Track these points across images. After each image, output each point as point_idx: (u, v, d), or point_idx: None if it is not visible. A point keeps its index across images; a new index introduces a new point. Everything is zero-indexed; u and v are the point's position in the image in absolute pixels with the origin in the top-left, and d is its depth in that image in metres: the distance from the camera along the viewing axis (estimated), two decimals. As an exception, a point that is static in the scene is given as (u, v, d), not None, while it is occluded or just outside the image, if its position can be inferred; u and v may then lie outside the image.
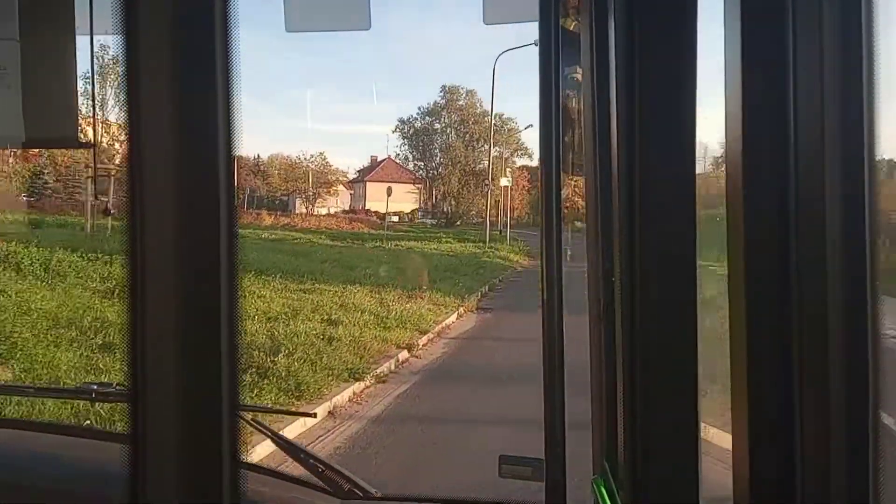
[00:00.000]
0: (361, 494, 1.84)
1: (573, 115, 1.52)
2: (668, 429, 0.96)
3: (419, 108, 63.31)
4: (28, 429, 1.97)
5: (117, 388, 1.88)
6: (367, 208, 57.10)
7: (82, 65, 1.77)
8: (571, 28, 1.45)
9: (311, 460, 1.86)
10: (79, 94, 1.80)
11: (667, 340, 0.95)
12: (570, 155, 1.51)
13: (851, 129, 0.72)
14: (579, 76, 1.45)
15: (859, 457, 0.73)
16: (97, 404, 1.91)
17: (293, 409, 6.86)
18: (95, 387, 1.91)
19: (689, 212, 0.94)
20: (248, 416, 1.85)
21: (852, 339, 0.73)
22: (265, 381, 7.84)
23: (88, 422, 5.52)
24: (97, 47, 1.72)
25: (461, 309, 14.23)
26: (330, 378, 8.34)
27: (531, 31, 1.28)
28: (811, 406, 0.74)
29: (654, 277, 0.95)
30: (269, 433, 1.87)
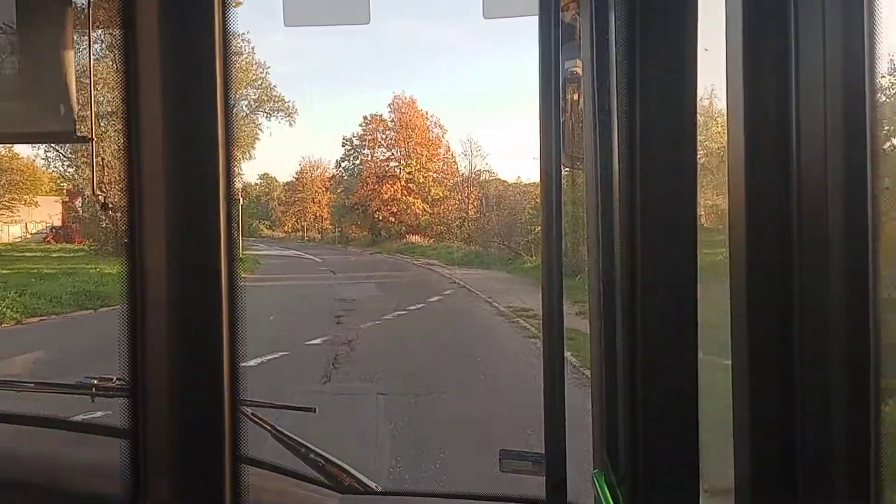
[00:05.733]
0: (362, 489, 1.84)
1: (573, 109, 1.51)
2: (668, 421, 0.96)
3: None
4: (25, 423, 1.97)
5: (118, 383, 1.88)
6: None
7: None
8: (571, 22, 1.45)
9: (312, 455, 1.87)
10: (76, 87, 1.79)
11: (667, 333, 0.95)
12: (571, 148, 1.51)
13: (854, 127, 0.72)
14: (579, 70, 1.45)
15: (860, 456, 0.72)
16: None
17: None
18: (95, 381, 1.90)
19: (690, 206, 0.94)
20: (249, 411, 1.85)
21: (853, 339, 0.73)
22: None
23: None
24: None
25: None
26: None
27: (531, 25, 1.27)
28: (812, 405, 0.74)
29: (655, 272, 0.95)
30: (270, 428, 1.87)
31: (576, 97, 1.49)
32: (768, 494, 0.76)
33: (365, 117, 49.80)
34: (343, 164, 52.40)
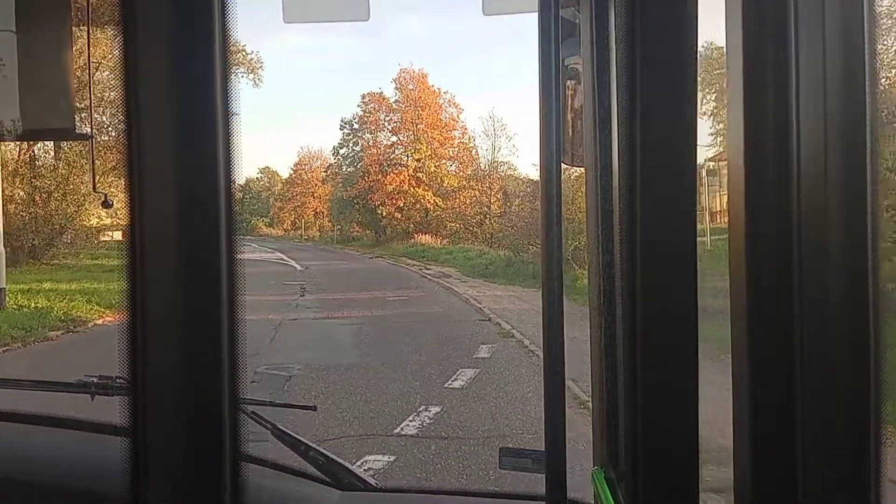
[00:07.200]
0: (362, 486, 1.85)
1: (573, 105, 1.51)
2: (669, 419, 0.96)
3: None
4: (25, 422, 1.97)
5: (118, 381, 1.87)
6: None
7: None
8: (571, 18, 1.44)
9: (312, 453, 1.87)
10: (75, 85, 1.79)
11: (667, 330, 0.95)
12: (571, 146, 1.51)
13: (854, 127, 0.72)
14: (579, 66, 1.44)
15: (860, 456, 0.72)
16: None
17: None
18: (95, 380, 1.90)
19: (690, 202, 0.94)
20: (249, 409, 1.85)
21: (854, 339, 0.72)
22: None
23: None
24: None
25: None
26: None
27: (531, 21, 1.26)
28: (812, 405, 0.74)
29: (655, 269, 0.95)
30: (270, 426, 1.87)
31: (576, 94, 1.49)
32: (768, 495, 0.76)
33: (363, 96, 42.48)
34: (341, 152, 44.70)
